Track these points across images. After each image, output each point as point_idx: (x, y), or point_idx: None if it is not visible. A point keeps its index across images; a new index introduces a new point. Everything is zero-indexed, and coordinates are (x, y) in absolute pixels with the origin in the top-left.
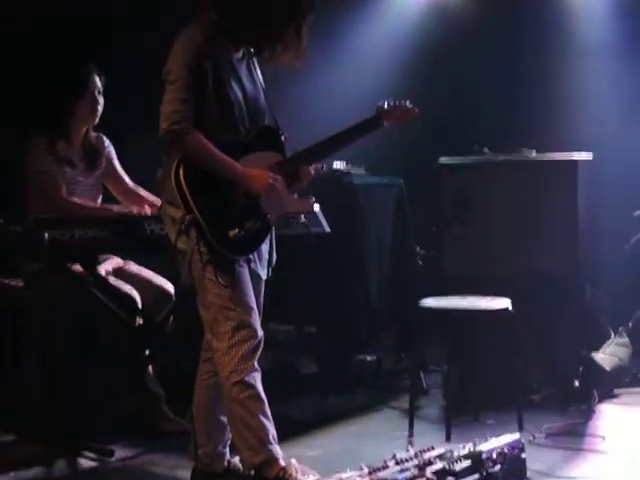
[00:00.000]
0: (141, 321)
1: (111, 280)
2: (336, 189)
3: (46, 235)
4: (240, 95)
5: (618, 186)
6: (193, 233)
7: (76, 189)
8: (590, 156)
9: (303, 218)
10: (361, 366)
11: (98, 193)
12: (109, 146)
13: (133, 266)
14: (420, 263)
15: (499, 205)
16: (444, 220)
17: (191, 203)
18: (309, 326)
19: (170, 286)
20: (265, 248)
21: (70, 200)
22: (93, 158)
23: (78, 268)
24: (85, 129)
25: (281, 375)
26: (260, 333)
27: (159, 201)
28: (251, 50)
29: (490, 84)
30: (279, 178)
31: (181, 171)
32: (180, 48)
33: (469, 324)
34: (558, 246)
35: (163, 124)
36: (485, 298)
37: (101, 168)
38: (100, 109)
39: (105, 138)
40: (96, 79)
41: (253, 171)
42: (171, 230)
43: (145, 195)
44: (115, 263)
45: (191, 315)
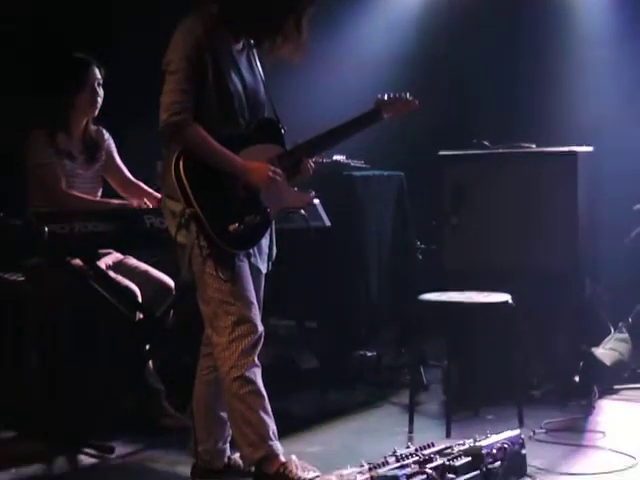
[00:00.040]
0: (141, 316)
1: (111, 274)
2: (336, 182)
3: (46, 229)
4: (240, 87)
5: (618, 180)
6: (193, 227)
7: (76, 182)
8: (590, 149)
9: (303, 212)
10: (361, 361)
11: (98, 186)
12: (109, 139)
13: (133, 260)
14: (420, 257)
15: (499, 198)
16: (443, 213)
17: (191, 197)
18: (309, 321)
19: (170, 280)
20: (265, 242)
21: (69, 193)
22: (93, 151)
23: (78, 262)
24: (85, 121)
25: (281, 370)
26: (260, 328)
27: (159, 195)
28: (251, 42)
29: (490, 78)
30: (279, 171)
31: (181, 164)
32: (180, 39)
33: (469, 319)
34: (558, 240)
35: (163, 115)
36: (484, 292)
37: (101, 161)
38: (100, 101)
39: (105, 131)
40: (96, 71)
41: (253, 164)
42: (171, 224)
43: (145, 188)
44: (115, 257)
45: (191, 310)
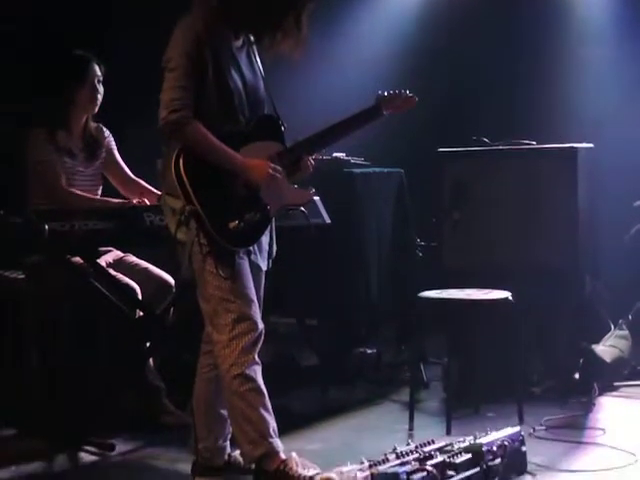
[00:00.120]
0: (141, 313)
1: (111, 272)
2: (336, 179)
3: (46, 227)
4: (240, 84)
5: (618, 177)
6: (193, 224)
7: (76, 179)
8: (590, 146)
9: (303, 209)
10: (361, 359)
11: (98, 184)
12: (109, 136)
13: (133, 258)
14: (420, 255)
15: (499, 195)
16: (443, 210)
17: (191, 194)
18: (309, 319)
19: (170, 278)
20: (265, 240)
21: (70, 191)
22: (93, 148)
23: (78, 260)
24: (85, 118)
25: (282, 368)
26: (260, 326)
27: (159, 192)
28: (251, 38)
29: (490, 74)
30: (279, 168)
31: (181, 162)
32: (180, 36)
33: (469, 316)
34: (558, 237)
35: (162, 112)
36: (484, 290)
37: (101, 158)
38: (100, 98)
39: (105, 128)
40: (96, 68)
41: (253, 161)
42: (171, 221)
43: (145, 186)
44: (115, 255)
45: (191, 307)
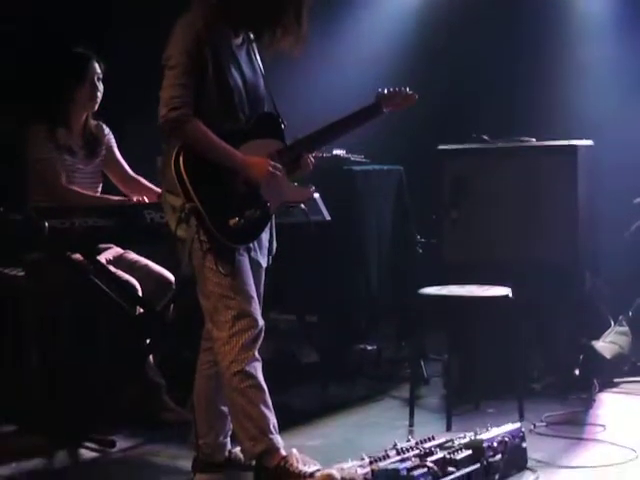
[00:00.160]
0: (141, 310)
1: (111, 269)
2: (336, 177)
3: (46, 224)
4: (240, 82)
5: (618, 174)
6: (193, 221)
7: (76, 177)
8: (590, 143)
9: (303, 206)
10: (362, 355)
11: (98, 181)
12: (109, 134)
13: (133, 255)
14: (420, 251)
15: (499, 192)
16: (443, 207)
17: (191, 191)
18: (310, 315)
19: (170, 275)
20: (265, 237)
21: (69, 188)
22: (93, 146)
23: (78, 257)
24: (85, 116)
25: (282, 364)
26: (261, 322)
27: (159, 189)
28: (251, 36)
29: (490, 72)
30: (279, 166)
31: (181, 159)
32: (180, 33)
33: (469, 312)
34: (558, 234)
35: (162, 110)
36: (485, 286)
37: (101, 156)
38: (100, 95)
39: (105, 126)
40: (95, 65)
41: (253, 159)
42: (171, 218)
43: (145, 183)
44: (115, 252)
45: (191, 304)
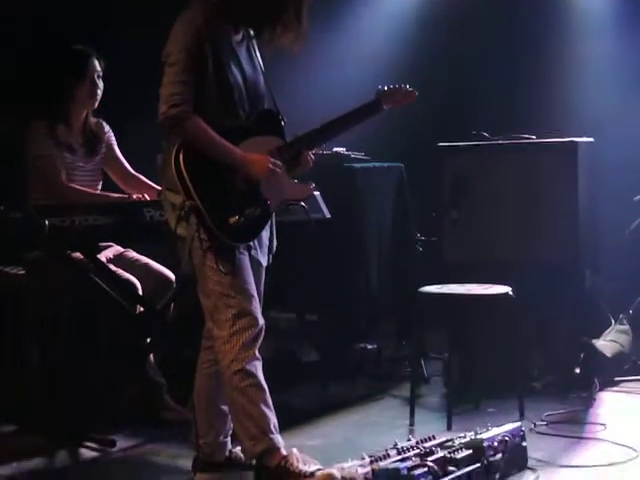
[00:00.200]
0: (142, 309)
1: (111, 267)
2: (336, 174)
3: (46, 222)
4: (240, 78)
5: (618, 171)
6: (193, 219)
7: (76, 175)
8: (591, 140)
9: (303, 203)
10: (362, 354)
11: (98, 179)
12: (109, 132)
13: (133, 253)
14: (420, 249)
15: (499, 190)
16: (443, 205)
17: (191, 189)
18: (310, 314)
19: (170, 273)
20: (265, 235)
21: (69, 186)
22: (93, 144)
23: (78, 255)
24: (85, 114)
25: (282, 363)
26: (261, 321)
27: (159, 187)
28: (251, 32)
29: (490, 69)
30: (279, 163)
31: (181, 157)
32: (180, 30)
33: (469, 311)
34: (558, 232)
35: (162, 107)
36: (485, 285)
37: (101, 154)
38: (100, 93)
39: (105, 124)
40: (96, 63)
41: (253, 156)
42: (171, 216)
43: (145, 181)
44: (115, 250)
45: (192, 302)
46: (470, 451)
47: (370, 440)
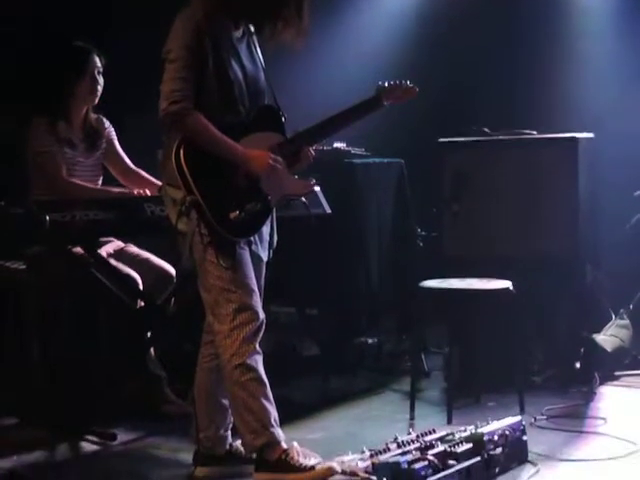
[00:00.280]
0: (142, 303)
1: (112, 262)
2: (336, 170)
3: (47, 217)
4: (240, 74)
5: (618, 166)
6: (194, 215)
7: (76, 170)
8: (591, 135)
9: (304, 199)
10: (362, 348)
11: (98, 174)
12: (109, 127)
13: (133, 248)
14: (420, 245)
15: (499, 185)
16: (443, 200)
17: (192, 184)
18: (310, 308)
19: (171, 268)
20: (266, 230)
21: (70, 181)
22: (93, 139)
23: (79, 250)
24: (85, 109)
25: (282, 358)
26: (261, 315)
27: (159, 182)
28: (251, 29)
29: (490, 65)
30: (279, 159)
31: (182, 152)
32: (180, 27)
33: (470, 306)
34: (559, 227)
35: (163, 103)
36: (485, 279)
37: (101, 149)
38: (100, 89)
39: (105, 119)
40: (96, 59)
41: (253, 152)
42: (172, 211)
43: (145, 176)
44: (115, 245)
45: (192, 297)
46: (470, 445)
47: (370, 434)
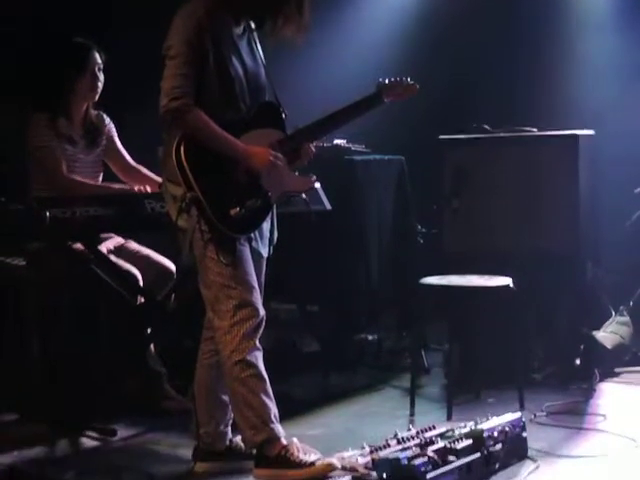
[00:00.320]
0: (142, 299)
1: (112, 258)
2: (337, 166)
3: (47, 214)
4: (241, 71)
5: (619, 163)
6: (194, 211)
7: (77, 167)
8: (591, 132)
9: (304, 195)
10: (362, 345)
11: (99, 171)
12: (110, 124)
13: (134, 244)
14: (421, 241)
15: (500, 182)
16: (444, 197)
17: (192, 181)
18: (310, 305)
19: (171, 264)
20: (266, 226)
21: (70, 177)
22: (94, 136)
23: (79, 246)
24: (85, 106)
25: (283, 354)
26: (262, 312)
27: (159, 179)
28: (252, 25)
29: (491, 61)
30: (280, 156)
31: (182, 149)
32: (181, 23)
33: (470, 303)
34: (559, 224)
35: (163, 100)
36: (485, 276)
37: (101, 146)
38: (100, 86)
39: (105, 116)
40: (96, 56)
41: (254, 149)
42: (172, 208)
43: (146, 173)
44: (116, 241)
45: (192, 293)
46: (470, 441)
47: (370, 430)
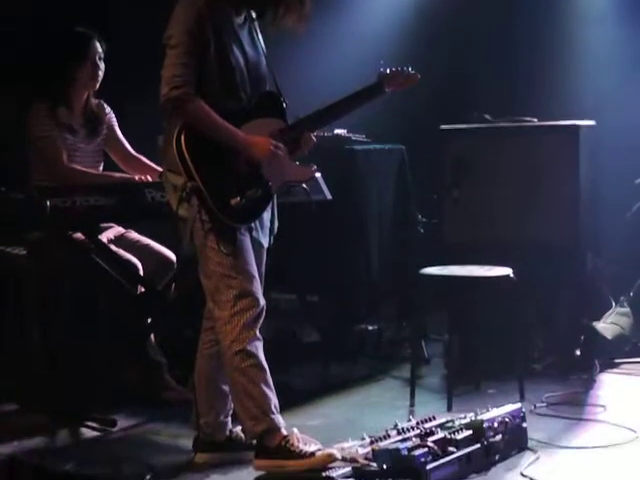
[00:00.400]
0: (142, 289)
1: (112, 248)
2: (337, 156)
3: (48, 203)
4: (242, 60)
5: (619, 154)
6: (195, 201)
7: (77, 156)
8: (592, 123)
9: (304, 185)
10: (362, 335)
11: (99, 160)
12: (110, 113)
13: (134, 234)
14: (421, 231)
15: (500, 172)
16: (444, 187)
17: (193, 171)
18: (311, 295)
19: (171, 254)
20: (267, 216)
21: (71, 166)
22: (94, 125)
23: (80, 236)
24: (86, 95)
25: (283, 344)
26: (262, 302)
27: (160, 168)
28: (253, 14)
29: (491, 51)
30: (281, 145)
31: (183, 138)
32: (181, 13)
33: (470, 293)
34: (559, 214)
35: (164, 89)
36: (486, 266)
37: (102, 135)
38: (101, 75)
39: (106, 105)
40: (97, 45)
41: (255, 138)
42: (172, 197)
43: (146, 162)
44: (116, 231)
45: (192, 283)
46: (470, 432)
47: (371, 420)
